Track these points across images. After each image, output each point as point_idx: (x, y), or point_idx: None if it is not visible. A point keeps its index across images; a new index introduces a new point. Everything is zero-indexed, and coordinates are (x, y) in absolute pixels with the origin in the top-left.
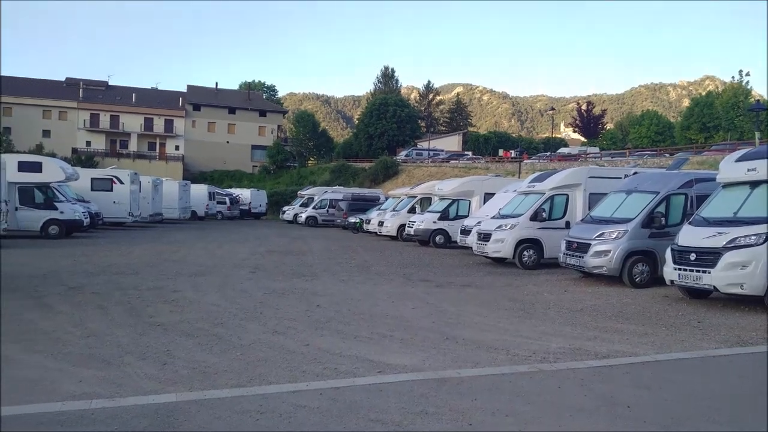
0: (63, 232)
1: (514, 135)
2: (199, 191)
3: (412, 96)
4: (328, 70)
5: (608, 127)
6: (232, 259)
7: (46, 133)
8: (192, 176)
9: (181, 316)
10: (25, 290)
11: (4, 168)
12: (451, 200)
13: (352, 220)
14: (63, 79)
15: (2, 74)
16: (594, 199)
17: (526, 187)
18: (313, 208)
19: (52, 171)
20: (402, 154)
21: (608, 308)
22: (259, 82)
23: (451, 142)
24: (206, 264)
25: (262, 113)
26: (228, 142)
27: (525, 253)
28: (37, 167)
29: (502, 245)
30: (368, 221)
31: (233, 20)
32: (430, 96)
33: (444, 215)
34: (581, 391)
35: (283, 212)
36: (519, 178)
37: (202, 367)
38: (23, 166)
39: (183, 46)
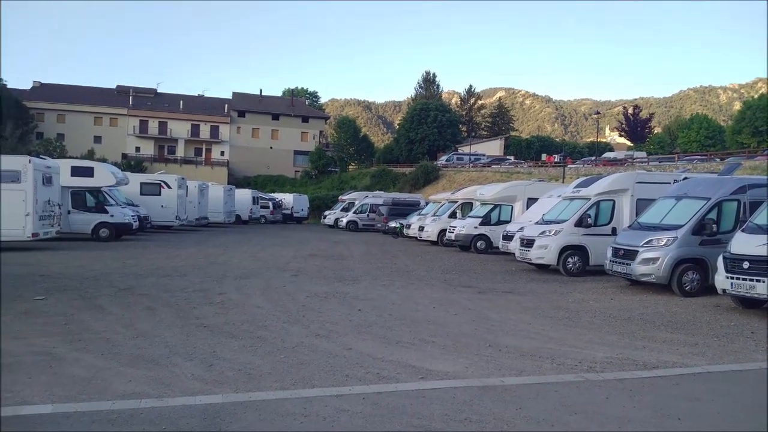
0: (113, 234)
1: (557, 139)
2: (244, 196)
3: (453, 101)
4: (369, 76)
5: (656, 131)
6: (275, 262)
7: (98, 139)
8: (236, 181)
9: (227, 318)
10: (78, 291)
11: (58, 173)
12: (493, 205)
13: (392, 224)
14: (114, 86)
15: (56, 83)
16: (642, 205)
17: (571, 192)
18: (354, 212)
19: (104, 176)
20: (442, 159)
21: (657, 317)
22: (302, 88)
23: (493, 147)
24: (250, 267)
25: (305, 119)
26: (271, 147)
27: (569, 259)
28: (89, 172)
29: (545, 251)
30: (408, 226)
31: (277, 28)
32: (472, 100)
33: (485, 220)
34: (630, 402)
35: (324, 217)
36: (563, 183)
37: (247, 368)
38: (76, 171)
39: (229, 53)
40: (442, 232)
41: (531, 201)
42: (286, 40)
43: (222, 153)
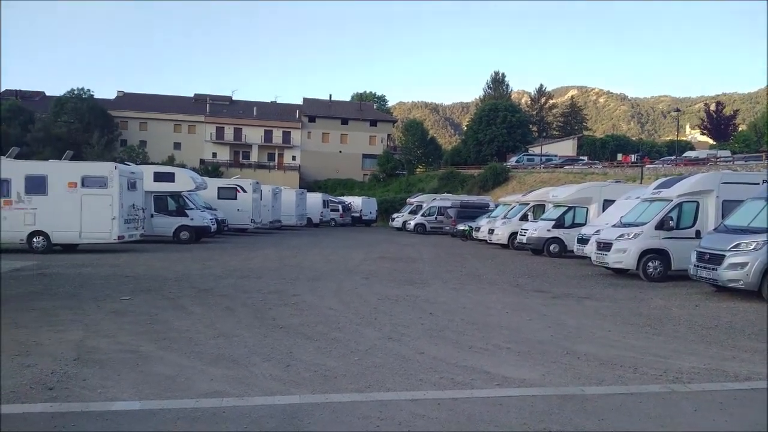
0: (193, 237)
1: (633, 138)
2: (314, 199)
3: (523, 100)
4: (436, 78)
5: (741, 129)
6: (346, 264)
7: (177, 146)
8: (307, 185)
9: (301, 320)
10: (161, 291)
11: (142, 178)
12: (566, 207)
13: (460, 227)
14: (192, 95)
15: (139, 92)
16: (728, 206)
17: (651, 194)
18: (422, 215)
19: (184, 181)
20: (512, 160)
21: (747, 326)
22: (371, 92)
23: (565, 147)
24: (322, 269)
25: (373, 123)
26: (340, 151)
27: (650, 264)
28: (170, 177)
29: (624, 255)
30: (478, 229)
31: (346, 33)
32: (542, 100)
33: (559, 223)
34: (720, 416)
35: (393, 219)
36: (641, 184)
37: (322, 370)
38: (158, 177)
39: (300, 58)
40: (513, 235)
41: (607, 203)
42: (355, 45)
43: (293, 157)
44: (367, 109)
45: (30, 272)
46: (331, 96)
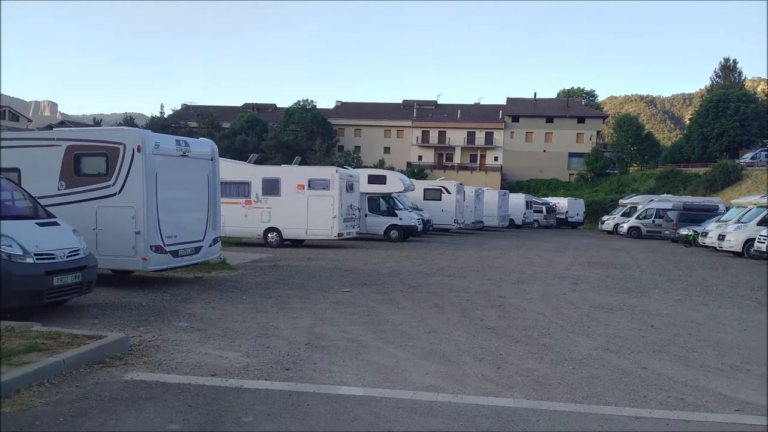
0: (401, 236)
1: None
2: (517, 200)
3: (759, 88)
4: (652, 69)
5: None
6: (552, 268)
7: (387, 150)
8: (509, 185)
9: (509, 322)
10: (375, 286)
11: (358, 181)
12: None
13: (683, 232)
14: (400, 101)
15: (354, 101)
16: None
17: None
18: (637, 218)
19: (394, 183)
20: (746, 157)
21: None
22: (578, 88)
23: None
24: (526, 272)
25: (581, 120)
26: (544, 150)
27: None
28: (382, 180)
29: None
30: (704, 234)
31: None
32: None
33: None
34: None
35: (602, 222)
36: None
37: (535, 375)
38: (372, 179)
39: (504, 59)
40: (749, 241)
41: None
42: (561, 41)
43: (495, 158)
44: (574, 105)
45: (266, 264)
46: (535, 94)
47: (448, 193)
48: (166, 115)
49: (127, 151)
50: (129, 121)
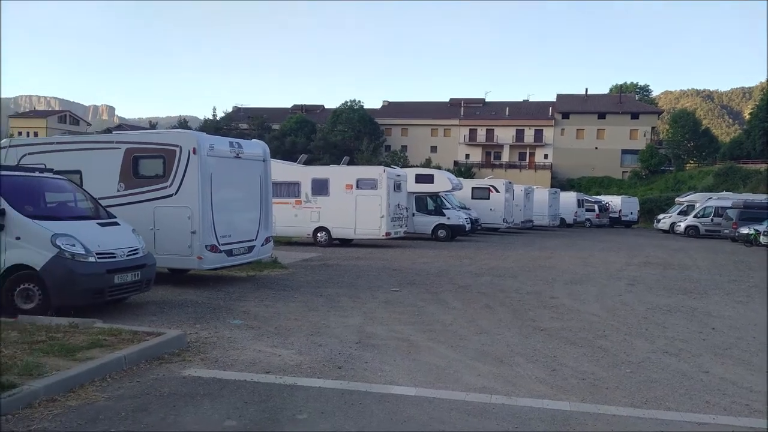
0: (449, 235)
1: None
2: (568, 199)
3: None
4: (709, 62)
5: None
6: (606, 269)
7: (434, 149)
8: (559, 184)
9: (562, 324)
10: (424, 285)
11: (405, 180)
12: None
13: (744, 231)
14: (447, 100)
15: (401, 101)
16: None
17: None
18: (694, 216)
19: (441, 182)
20: None
21: None
22: (632, 83)
23: None
24: (579, 272)
25: (634, 116)
26: (596, 147)
27: None
28: (429, 179)
29: None
30: (766, 233)
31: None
32: None
33: None
34: None
35: (658, 221)
36: None
37: (591, 378)
38: (419, 179)
39: (553, 56)
40: None
41: None
42: (613, 36)
43: (545, 156)
44: (627, 101)
45: (316, 263)
46: (587, 90)
47: (497, 191)
48: (218, 118)
49: (183, 153)
50: (183, 123)
